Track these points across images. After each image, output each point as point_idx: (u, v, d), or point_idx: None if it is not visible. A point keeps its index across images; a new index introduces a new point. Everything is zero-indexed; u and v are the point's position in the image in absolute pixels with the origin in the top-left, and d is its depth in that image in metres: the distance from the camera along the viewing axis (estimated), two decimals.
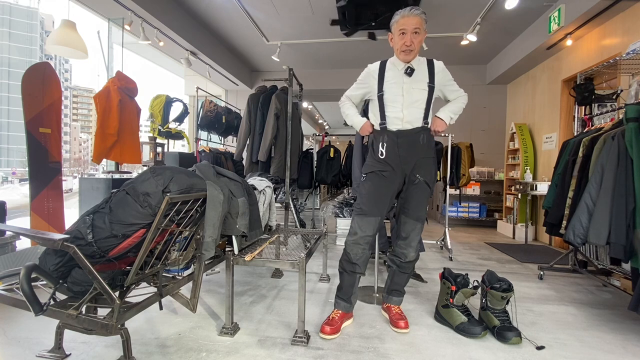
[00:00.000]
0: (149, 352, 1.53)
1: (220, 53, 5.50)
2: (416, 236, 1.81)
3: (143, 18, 3.71)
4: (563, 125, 4.30)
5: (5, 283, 1.43)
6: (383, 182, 1.75)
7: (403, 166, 1.75)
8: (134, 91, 3.13)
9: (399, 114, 1.73)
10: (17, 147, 64.18)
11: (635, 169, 1.84)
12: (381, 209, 1.74)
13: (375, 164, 1.79)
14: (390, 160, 1.76)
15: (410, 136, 1.74)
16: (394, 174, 1.76)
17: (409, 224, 1.79)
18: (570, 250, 2.93)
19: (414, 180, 1.76)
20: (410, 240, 1.81)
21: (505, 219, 5.28)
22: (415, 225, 1.79)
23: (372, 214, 1.73)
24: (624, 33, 3.31)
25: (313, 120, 12.03)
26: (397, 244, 1.85)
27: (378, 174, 1.76)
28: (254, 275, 2.70)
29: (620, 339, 1.78)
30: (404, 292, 1.95)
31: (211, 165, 1.69)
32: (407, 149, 1.74)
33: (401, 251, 1.84)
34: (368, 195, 1.76)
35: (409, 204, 1.79)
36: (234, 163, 4.39)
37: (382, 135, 1.77)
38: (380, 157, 1.76)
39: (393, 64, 1.78)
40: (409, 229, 1.80)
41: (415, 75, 1.74)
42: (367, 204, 1.75)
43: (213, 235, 1.48)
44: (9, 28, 65.33)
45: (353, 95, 1.90)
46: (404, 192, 1.81)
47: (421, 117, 1.74)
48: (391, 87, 1.74)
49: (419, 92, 1.73)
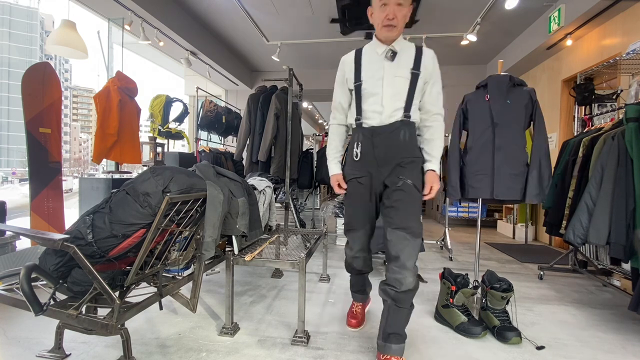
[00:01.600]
0: (149, 352, 1.53)
1: (220, 53, 5.50)
2: (411, 254, 1.38)
3: (143, 18, 3.71)
4: (563, 125, 4.30)
5: (5, 283, 1.43)
6: (360, 190, 1.55)
7: (380, 169, 1.49)
8: (134, 91, 3.13)
9: (378, 107, 1.46)
10: (17, 147, 64.19)
11: (635, 169, 1.84)
12: (365, 220, 1.57)
13: (351, 170, 1.58)
14: (366, 163, 1.51)
15: (388, 133, 1.47)
16: (370, 180, 1.52)
17: (398, 238, 1.39)
18: (570, 250, 2.93)
19: (396, 183, 1.45)
20: (403, 260, 1.37)
21: (505, 219, 5.28)
22: (404, 239, 1.38)
23: (358, 226, 1.59)
24: (624, 33, 3.31)
25: (313, 120, 12.04)
26: (390, 269, 1.42)
27: (354, 181, 1.57)
28: (254, 275, 2.70)
29: (620, 339, 1.78)
30: (406, 336, 1.44)
31: (211, 165, 1.69)
32: (385, 149, 1.47)
33: (394, 277, 1.38)
34: (349, 208, 1.61)
35: (395, 213, 1.42)
36: (234, 163, 4.39)
37: (356, 134, 1.54)
38: (355, 160, 1.54)
39: (372, 47, 1.52)
40: (398, 245, 1.38)
41: (399, 59, 1.46)
42: (351, 217, 1.60)
43: (213, 235, 1.48)
44: (9, 28, 65.33)
45: (338, 102, 1.63)
46: (387, 199, 1.48)
47: (402, 108, 1.46)
48: (370, 75, 1.48)
49: (403, 80, 1.45)
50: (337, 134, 1.68)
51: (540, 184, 2.08)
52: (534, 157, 2.10)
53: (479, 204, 2.33)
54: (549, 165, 2.10)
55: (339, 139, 1.69)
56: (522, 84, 2.18)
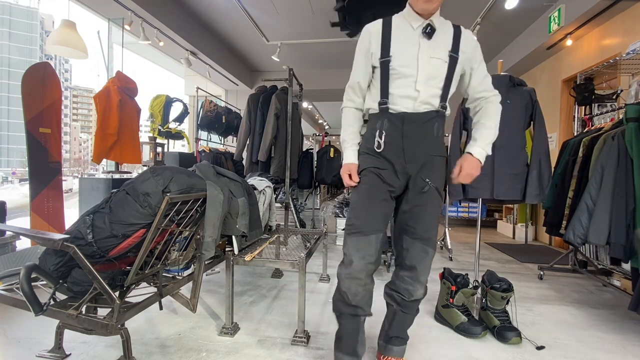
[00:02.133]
0: (149, 352, 1.53)
1: (220, 53, 5.50)
2: (427, 267, 1.28)
3: (143, 18, 3.71)
4: (563, 125, 4.30)
5: (5, 283, 1.43)
6: (378, 184, 1.27)
7: (407, 165, 1.26)
8: (134, 91, 3.13)
9: (411, 92, 1.22)
10: (17, 147, 64.22)
11: (635, 169, 1.84)
12: (380, 221, 1.26)
13: (369, 159, 1.31)
14: (391, 155, 1.26)
15: (422, 122, 1.24)
16: (393, 175, 1.27)
17: (416, 250, 1.27)
18: (570, 250, 2.93)
19: (422, 187, 1.26)
20: (419, 273, 1.27)
21: (505, 219, 5.28)
22: (425, 250, 1.26)
23: (369, 229, 1.23)
24: (624, 33, 3.31)
25: (313, 120, 12.04)
26: (400, 277, 1.32)
27: (374, 172, 1.28)
28: (254, 275, 2.70)
29: (620, 339, 1.78)
30: (408, 337, 1.43)
31: (211, 165, 1.69)
32: (415, 141, 1.25)
33: (405, 287, 1.30)
34: (361, 203, 1.27)
35: (416, 221, 1.27)
36: (234, 163, 4.39)
37: (380, 120, 1.27)
38: (377, 150, 1.28)
39: (404, 19, 1.25)
40: (416, 257, 1.27)
41: (437, 38, 1.23)
42: (361, 217, 1.25)
43: (213, 235, 1.48)
44: (9, 28, 65.35)
45: (356, 81, 1.34)
46: (406, 203, 1.29)
47: (438, 97, 1.24)
48: (402, 51, 1.21)
49: (441, 63, 1.22)
50: (355, 119, 1.38)
51: (540, 184, 2.08)
52: (534, 157, 2.10)
53: (479, 204, 2.33)
54: (549, 165, 2.11)
55: (357, 124, 1.39)
56: (522, 84, 2.18)
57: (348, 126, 1.38)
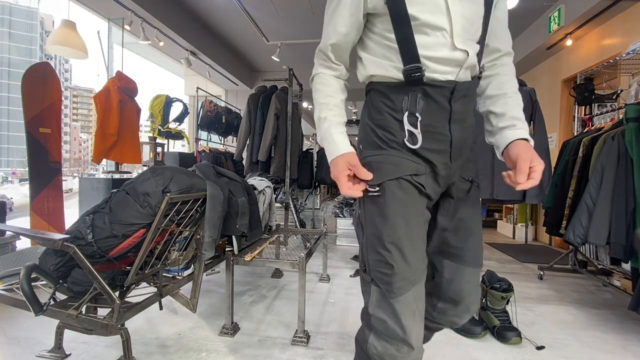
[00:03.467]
0: (149, 352, 1.53)
1: (220, 53, 5.50)
2: (478, 296, 0.93)
3: (143, 18, 3.71)
4: (563, 125, 4.30)
5: (5, 283, 1.43)
6: (417, 200, 0.81)
7: (453, 164, 0.82)
8: (134, 91, 3.14)
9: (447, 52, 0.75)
10: (17, 147, 64.24)
11: (635, 169, 1.84)
12: (424, 259, 0.82)
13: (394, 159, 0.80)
14: (432, 152, 0.80)
15: (472, 97, 0.85)
16: (434, 182, 0.83)
17: (464, 278, 0.88)
18: (570, 250, 2.93)
19: (465, 189, 0.88)
20: (467, 304, 0.89)
21: (505, 219, 5.28)
22: (476, 276, 0.90)
23: (415, 277, 0.77)
24: (624, 33, 3.31)
25: (313, 120, 12.04)
26: (440, 309, 0.92)
27: (407, 182, 0.79)
28: (254, 275, 2.70)
29: (620, 339, 1.78)
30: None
31: (211, 165, 1.69)
32: (465, 127, 0.82)
33: (450, 319, 0.93)
34: (400, 232, 0.77)
35: (463, 240, 0.87)
36: (234, 163, 4.39)
37: (408, 96, 0.78)
38: (410, 146, 0.80)
39: None
40: (465, 289, 0.88)
41: None
42: (405, 254, 0.76)
43: (213, 235, 1.48)
44: (9, 28, 65.38)
45: (336, 37, 0.84)
46: (445, 216, 0.89)
47: (476, 54, 0.79)
48: None
49: (477, 4, 0.77)
50: (338, 88, 0.88)
51: (540, 184, 2.08)
52: None
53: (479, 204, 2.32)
54: (549, 166, 2.10)
55: (341, 95, 0.89)
56: (522, 84, 2.18)
57: (327, 98, 0.86)
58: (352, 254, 3.47)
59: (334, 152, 0.80)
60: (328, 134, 0.82)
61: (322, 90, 0.87)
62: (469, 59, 0.76)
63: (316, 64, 0.91)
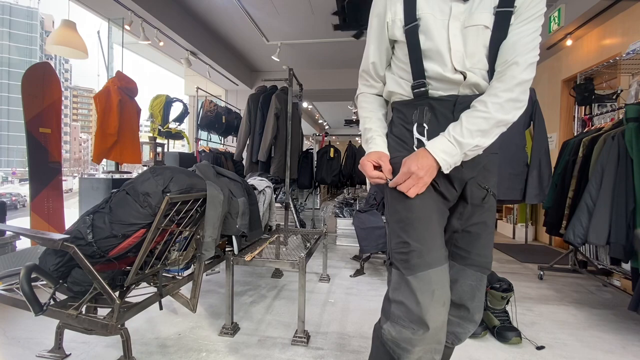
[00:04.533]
0: (149, 352, 1.53)
1: (220, 53, 5.50)
2: (482, 300, 0.96)
3: (143, 18, 3.71)
4: (563, 125, 4.30)
5: (5, 283, 1.43)
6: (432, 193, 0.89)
7: (464, 168, 0.89)
8: (134, 91, 3.14)
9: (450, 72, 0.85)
10: (17, 147, 64.26)
11: (635, 169, 1.84)
12: (443, 245, 0.88)
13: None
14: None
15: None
16: (447, 183, 0.90)
17: (467, 280, 0.93)
18: (570, 250, 2.93)
19: (480, 197, 0.92)
20: (472, 311, 0.94)
21: (505, 219, 5.28)
22: (479, 279, 0.94)
23: (433, 259, 0.83)
24: (624, 33, 3.31)
25: (313, 120, 12.04)
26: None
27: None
28: (254, 275, 2.70)
29: (620, 339, 1.78)
30: None
31: (211, 165, 1.69)
32: None
33: (452, 330, 0.97)
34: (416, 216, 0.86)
35: (471, 243, 0.94)
36: (234, 163, 4.39)
37: (416, 110, 0.91)
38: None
39: None
40: (467, 291, 0.93)
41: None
42: (422, 237, 0.84)
43: (213, 235, 1.48)
44: (9, 28, 65.39)
45: (371, 62, 0.99)
46: (459, 219, 0.94)
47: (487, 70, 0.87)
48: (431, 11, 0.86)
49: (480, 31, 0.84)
50: (378, 105, 1.03)
51: (540, 184, 2.08)
52: (534, 157, 2.10)
53: None
54: (549, 165, 2.11)
55: (382, 110, 1.04)
56: None
57: (370, 112, 1.01)
58: (352, 254, 3.47)
59: (373, 148, 0.95)
60: (372, 139, 0.97)
61: (366, 107, 1.03)
62: (467, 79, 0.86)
63: (360, 84, 1.07)
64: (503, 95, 0.81)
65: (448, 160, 0.81)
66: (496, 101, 0.81)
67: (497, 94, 0.81)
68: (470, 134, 0.81)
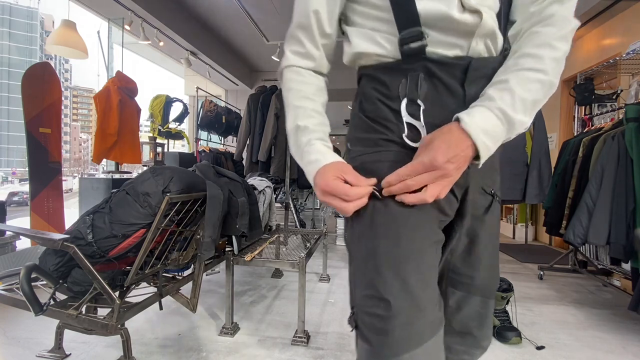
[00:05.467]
0: (149, 352, 1.53)
1: (220, 53, 5.50)
2: (490, 326, 0.74)
3: (143, 18, 3.71)
4: (563, 125, 4.30)
5: (5, 283, 1.43)
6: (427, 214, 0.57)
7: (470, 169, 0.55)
8: (134, 91, 3.14)
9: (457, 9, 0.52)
10: (17, 147, 64.28)
11: (635, 169, 1.84)
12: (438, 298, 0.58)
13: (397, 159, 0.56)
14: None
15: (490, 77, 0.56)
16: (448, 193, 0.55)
17: (472, 308, 0.69)
18: (570, 250, 2.93)
19: (484, 206, 0.67)
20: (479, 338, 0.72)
21: (505, 219, 5.28)
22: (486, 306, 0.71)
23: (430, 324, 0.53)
24: (624, 33, 3.31)
25: None
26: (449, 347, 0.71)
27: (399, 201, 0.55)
28: (254, 275, 2.70)
29: (620, 339, 1.78)
30: None
31: (211, 165, 1.69)
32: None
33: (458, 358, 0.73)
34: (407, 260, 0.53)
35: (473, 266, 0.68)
36: (234, 163, 4.39)
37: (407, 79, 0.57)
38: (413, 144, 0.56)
39: None
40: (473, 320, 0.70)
41: None
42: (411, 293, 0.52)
43: (213, 235, 1.48)
44: (9, 28, 65.43)
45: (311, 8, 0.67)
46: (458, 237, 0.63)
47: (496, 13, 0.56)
48: None
49: None
50: (314, 86, 0.66)
51: (540, 184, 2.08)
52: (534, 157, 2.10)
53: None
54: (549, 166, 2.11)
55: (321, 98, 0.67)
56: None
57: (305, 100, 0.64)
58: None
59: (320, 161, 0.57)
60: (309, 146, 0.59)
61: (297, 90, 0.64)
62: (483, 22, 0.53)
63: (287, 52, 0.68)
64: (560, 46, 0.52)
65: (490, 147, 0.51)
66: (554, 55, 0.52)
67: (553, 44, 0.52)
68: (524, 107, 0.51)
